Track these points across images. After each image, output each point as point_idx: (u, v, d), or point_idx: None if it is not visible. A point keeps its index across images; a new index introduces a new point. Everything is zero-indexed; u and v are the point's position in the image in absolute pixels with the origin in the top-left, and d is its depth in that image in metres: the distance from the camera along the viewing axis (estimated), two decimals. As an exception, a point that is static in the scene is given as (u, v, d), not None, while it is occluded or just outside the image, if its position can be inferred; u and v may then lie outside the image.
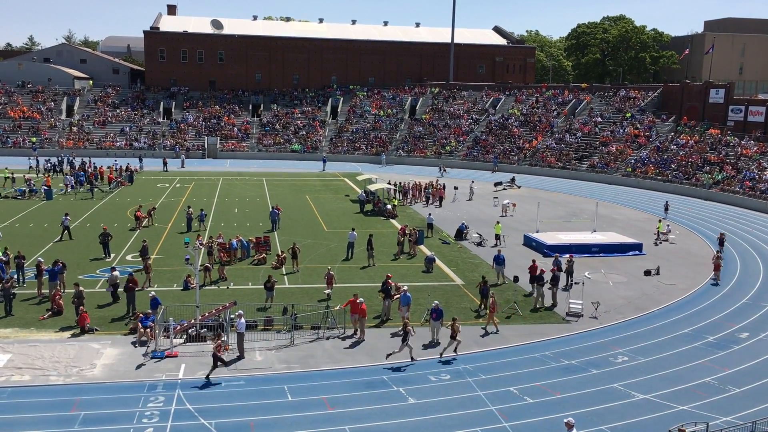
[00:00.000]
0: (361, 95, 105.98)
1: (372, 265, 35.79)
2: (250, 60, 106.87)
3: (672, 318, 28.95)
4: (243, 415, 19.23)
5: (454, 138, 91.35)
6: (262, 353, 23.73)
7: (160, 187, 62.51)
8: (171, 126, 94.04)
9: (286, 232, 43.89)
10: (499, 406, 20.13)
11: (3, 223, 43.39)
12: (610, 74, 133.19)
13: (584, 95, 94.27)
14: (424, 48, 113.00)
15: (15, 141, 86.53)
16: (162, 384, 21.04)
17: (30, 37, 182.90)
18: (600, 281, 34.25)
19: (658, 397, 20.96)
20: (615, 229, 46.64)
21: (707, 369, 23.30)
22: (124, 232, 42.49)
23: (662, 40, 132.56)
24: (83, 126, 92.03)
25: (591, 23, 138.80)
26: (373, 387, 21.32)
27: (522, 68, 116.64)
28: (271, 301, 28.67)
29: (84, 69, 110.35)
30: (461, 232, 43.67)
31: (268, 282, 28.91)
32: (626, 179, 71.92)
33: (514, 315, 28.59)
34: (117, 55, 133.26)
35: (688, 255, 40.82)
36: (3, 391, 20.27)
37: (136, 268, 33.79)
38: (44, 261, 30.49)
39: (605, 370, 23.06)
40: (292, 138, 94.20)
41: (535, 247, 40.78)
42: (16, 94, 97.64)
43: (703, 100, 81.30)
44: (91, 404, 19.57)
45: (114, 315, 27.09)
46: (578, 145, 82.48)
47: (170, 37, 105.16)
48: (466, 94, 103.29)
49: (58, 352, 23.11)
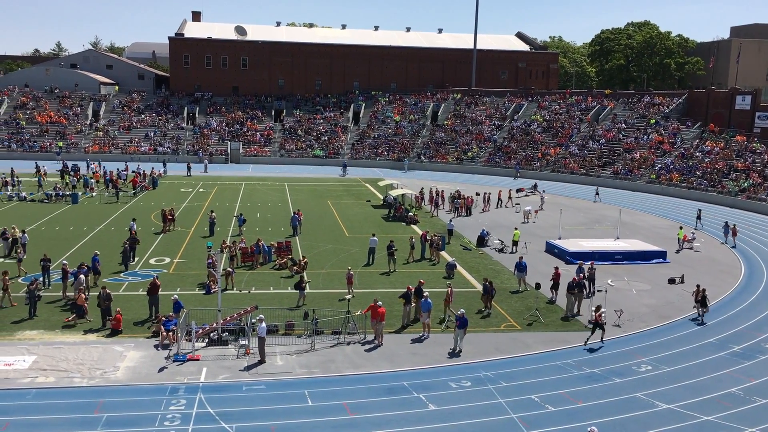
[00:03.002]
0: (383, 101, 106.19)
1: (393, 271, 35.78)
2: (273, 66, 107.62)
3: (696, 327, 28.57)
4: (264, 419, 19.28)
5: (476, 144, 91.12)
6: (283, 357, 23.80)
7: (184, 192, 63.07)
8: (194, 131, 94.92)
9: (308, 237, 44.04)
10: (520, 413, 19.99)
11: (30, 226, 44.04)
12: (635, 80, 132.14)
13: (608, 101, 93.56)
14: (446, 54, 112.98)
15: (42, 145, 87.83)
16: (184, 387, 21.17)
17: (57, 43, 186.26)
18: (623, 289, 33.90)
19: (682, 407, 20.68)
20: (638, 236, 46.19)
21: (732, 379, 22.95)
22: (149, 235, 42.89)
23: (687, 46, 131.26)
24: (108, 131, 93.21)
25: (615, 29, 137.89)
26: (393, 393, 21.28)
27: (545, 74, 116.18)
28: (302, 300, 29.30)
29: (110, 74, 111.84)
30: (483, 238, 43.50)
31: (301, 282, 29.62)
32: (650, 186, 71.23)
33: (536, 322, 28.40)
34: (142, 60, 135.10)
35: (712, 263, 40.29)
36: (28, 392, 20.53)
37: (160, 271, 34.16)
38: (69, 264, 30.88)
39: (628, 379, 22.80)
40: (314, 143, 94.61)
41: (557, 254, 40.50)
42: (44, 99, 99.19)
43: (729, 106, 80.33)
44: (114, 406, 19.75)
45: (137, 318, 27.33)
46: (601, 152, 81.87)
47: (195, 43, 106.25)
48: (489, 100, 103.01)
49: (82, 354, 23.37)
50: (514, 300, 31.52)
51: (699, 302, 29.31)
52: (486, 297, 29.68)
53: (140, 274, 33.99)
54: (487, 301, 29.64)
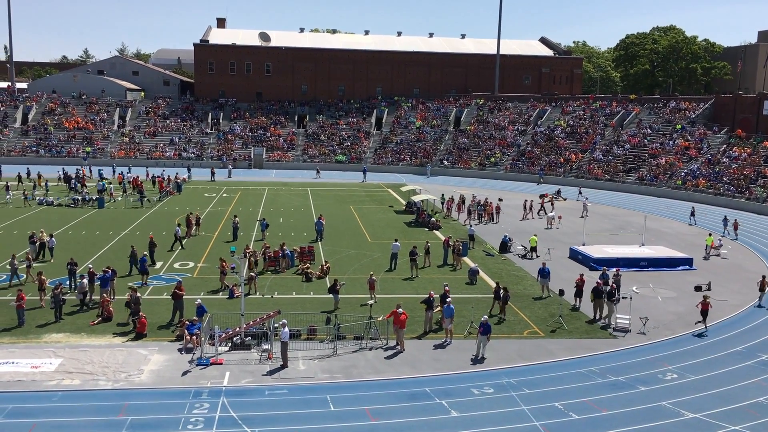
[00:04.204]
0: (406, 106, 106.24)
1: (415, 276, 35.73)
2: (296, 71, 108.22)
3: (724, 335, 28.13)
4: (286, 423, 19.32)
5: (499, 149, 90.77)
6: (306, 362, 23.84)
7: (207, 197, 63.57)
8: (218, 136, 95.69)
9: (331, 242, 44.13)
10: (543, 421, 19.81)
11: (57, 230, 44.62)
12: (660, 85, 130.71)
13: (633, 106, 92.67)
14: (469, 59, 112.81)
15: (69, 151, 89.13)
16: (207, 391, 21.29)
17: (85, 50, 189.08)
18: (648, 296, 33.50)
19: (708, 416, 20.36)
20: (664, 242, 45.65)
21: (760, 388, 22.55)
22: (173, 240, 43.13)
23: (714, 50, 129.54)
24: (134, 136, 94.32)
25: (640, 34, 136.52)
26: (415, 399, 21.21)
27: (569, 79, 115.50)
28: (336, 304, 29.68)
29: (136, 81, 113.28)
30: (505, 244, 43.25)
31: (335, 285, 30.04)
32: (676, 192, 70.37)
33: (559, 329, 28.17)
34: (168, 67, 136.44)
35: (740, 270, 39.69)
36: (54, 395, 20.80)
37: (185, 275, 34.44)
38: (95, 267, 31.24)
39: (653, 388, 22.50)
40: (336, 149, 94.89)
41: (581, 261, 40.17)
42: (72, 105, 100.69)
43: (756, 111, 79.12)
44: (138, 409, 19.91)
45: (161, 322, 27.56)
46: (626, 157, 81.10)
47: (219, 49, 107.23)
48: (512, 105, 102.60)
49: (107, 357, 23.61)
50: (537, 306, 31.30)
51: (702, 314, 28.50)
52: (499, 302, 29.52)
53: (164, 278, 34.30)
54: (500, 306, 29.48)
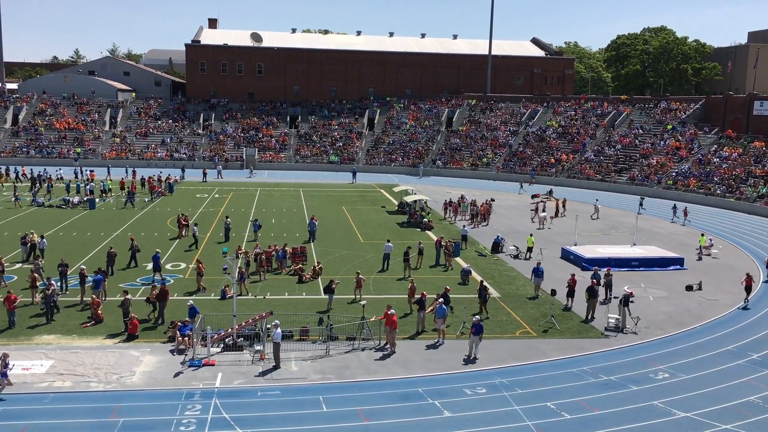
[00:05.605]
0: (398, 107, 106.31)
1: (408, 277, 35.74)
2: (288, 72, 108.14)
3: (715, 334, 28.27)
4: (278, 424, 19.29)
5: (491, 150, 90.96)
6: (298, 363, 23.81)
7: (199, 198, 63.40)
8: (210, 137, 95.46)
9: (323, 243, 44.10)
10: (535, 421, 19.86)
11: (48, 231, 44.42)
12: (651, 86, 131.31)
13: (624, 107, 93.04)
14: (461, 60, 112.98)
15: (60, 151, 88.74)
16: (199, 392, 21.24)
17: (76, 51, 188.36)
18: (640, 296, 33.59)
19: (700, 415, 20.45)
20: (655, 242, 45.84)
21: (751, 387, 22.67)
22: (165, 241, 43.13)
23: (704, 51, 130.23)
24: (126, 137, 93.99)
25: (631, 34, 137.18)
26: (408, 399, 21.22)
27: (560, 80, 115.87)
28: (330, 304, 29.86)
29: (127, 81, 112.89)
30: (497, 244, 43.34)
31: (330, 285, 30.15)
32: (667, 192, 70.66)
33: (551, 329, 28.24)
34: (159, 67, 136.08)
35: (731, 270, 39.87)
36: (45, 397, 20.69)
37: (175, 277, 34.35)
38: (86, 269, 31.12)
39: (645, 387, 22.58)
40: (329, 149, 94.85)
41: (573, 261, 40.28)
42: (62, 105, 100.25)
43: (746, 112, 79.60)
44: (130, 411, 19.84)
45: (152, 323, 27.47)
46: (617, 158, 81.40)
47: (211, 49, 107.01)
48: (504, 105, 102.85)
49: (98, 359, 23.51)
50: (529, 306, 31.37)
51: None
52: (480, 301, 29.75)
53: (156, 280, 34.15)
54: (480, 304, 29.70)
